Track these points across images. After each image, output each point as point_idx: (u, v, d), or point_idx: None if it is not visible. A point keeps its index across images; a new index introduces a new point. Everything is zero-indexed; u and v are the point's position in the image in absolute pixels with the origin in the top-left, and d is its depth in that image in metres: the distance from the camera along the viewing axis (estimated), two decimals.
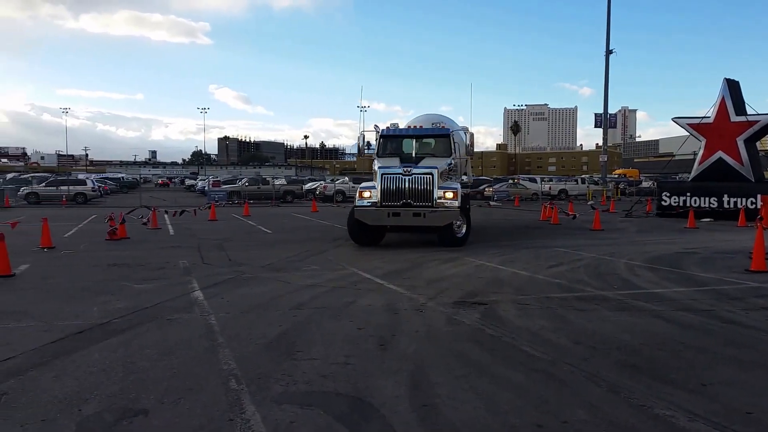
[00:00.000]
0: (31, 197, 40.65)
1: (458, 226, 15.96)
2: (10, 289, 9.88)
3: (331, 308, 8.51)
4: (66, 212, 31.41)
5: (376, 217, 15.74)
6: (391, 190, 15.67)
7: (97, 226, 21.39)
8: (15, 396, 5.00)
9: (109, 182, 62.10)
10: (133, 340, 6.81)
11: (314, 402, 4.87)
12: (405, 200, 15.57)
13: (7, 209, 34.00)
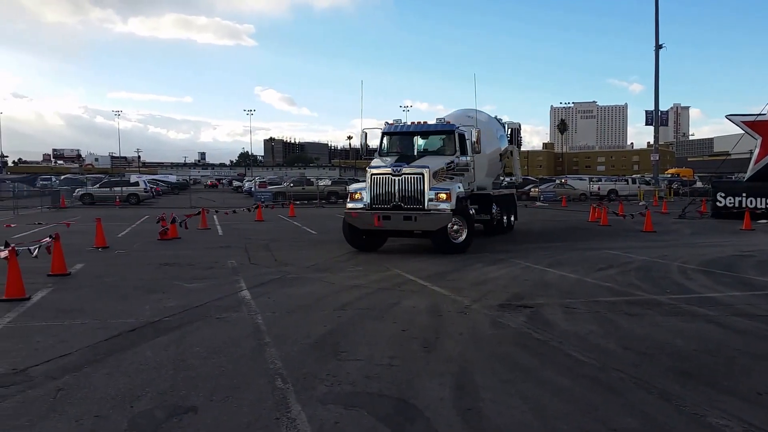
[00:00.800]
0: (85, 198, 42.09)
1: (455, 231, 14.59)
2: (67, 288, 10.23)
3: (375, 309, 8.54)
4: (119, 213, 32.36)
5: (366, 220, 14.73)
6: (380, 191, 14.63)
7: (149, 226, 21.96)
8: (70, 392, 5.18)
9: (161, 183, 63.78)
10: (184, 338, 6.98)
11: (359, 403, 4.90)
12: (395, 202, 14.48)
13: (62, 210, 35.21)
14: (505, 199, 20.06)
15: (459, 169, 15.68)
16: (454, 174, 15.41)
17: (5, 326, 7.45)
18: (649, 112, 56.75)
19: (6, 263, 9.15)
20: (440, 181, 14.68)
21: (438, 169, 14.74)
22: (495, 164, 19.59)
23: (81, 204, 40.93)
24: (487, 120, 19.60)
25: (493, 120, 20.45)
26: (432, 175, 14.44)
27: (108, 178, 54.78)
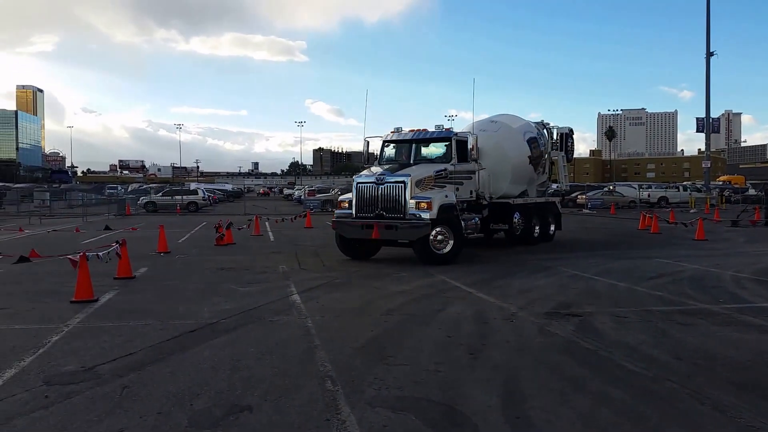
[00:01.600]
0: (149, 206, 43.91)
1: (439, 242, 14.03)
2: (132, 290, 10.70)
3: (420, 315, 8.67)
4: (180, 220, 33.37)
5: (351, 229, 14.69)
6: (364, 200, 14.44)
7: (207, 232, 22.61)
8: (135, 389, 5.47)
9: (218, 192, 65.72)
10: (239, 339, 7.26)
11: (406, 407, 5.03)
12: (378, 211, 14.22)
13: (128, 217, 36.58)
14: (538, 207, 19.16)
15: (456, 176, 14.97)
16: (448, 182, 14.73)
17: (75, 326, 7.88)
18: (700, 119, 55.07)
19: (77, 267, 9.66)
20: (425, 190, 14.15)
21: (423, 178, 14.29)
22: (522, 170, 18.30)
23: (145, 211, 42.57)
24: (512, 125, 18.70)
25: (525, 125, 19.25)
26: (415, 183, 14.07)
27: (170, 187, 56.97)
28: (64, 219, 32.87)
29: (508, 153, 17.73)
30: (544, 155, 19.46)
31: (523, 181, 18.76)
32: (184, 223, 29.49)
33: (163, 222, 21.04)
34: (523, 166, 18.36)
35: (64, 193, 53.71)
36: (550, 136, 20.41)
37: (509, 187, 17.93)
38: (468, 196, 15.50)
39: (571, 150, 21.14)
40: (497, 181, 17.38)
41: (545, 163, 20.06)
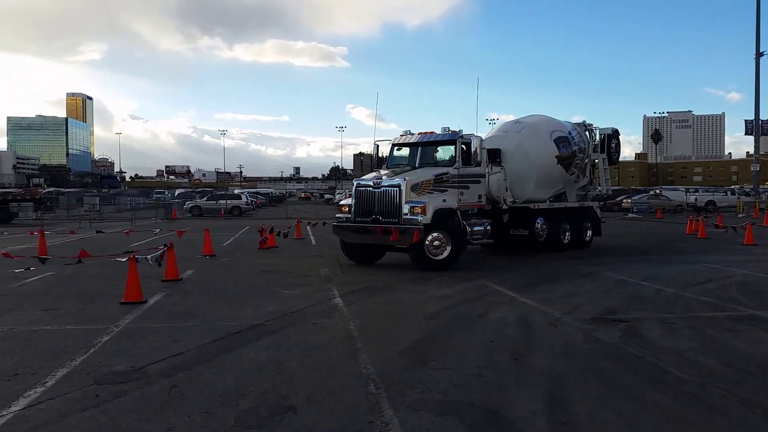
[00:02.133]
0: (194, 210, 45.01)
1: (435, 247, 13.68)
2: (179, 292, 10.94)
3: (462, 319, 8.64)
4: (224, 223, 33.96)
5: (350, 234, 14.64)
6: (362, 204, 14.35)
7: (250, 236, 22.98)
8: (183, 389, 5.60)
9: (260, 196, 66.82)
10: (283, 341, 7.36)
11: (449, 411, 5.02)
12: (375, 215, 14.08)
13: (174, 221, 37.45)
14: (569, 212, 18.25)
15: (461, 180, 14.51)
16: (450, 186, 14.34)
17: (125, 327, 8.10)
18: (749, 121, 53.49)
19: (126, 269, 9.94)
20: (422, 194, 13.86)
21: (419, 182, 14.02)
22: (550, 172, 17.44)
23: (190, 215, 43.55)
24: (538, 125, 18.04)
25: (553, 124, 18.38)
26: (410, 187, 13.80)
27: (214, 191, 58.16)
28: (113, 223, 33.80)
29: (531, 154, 17.01)
30: (577, 156, 18.28)
31: (553, 184, 17.98)
32: (229, 227, 29.99)
33: (208, 226, 21.45)
34: (550, 167, 17.41)
35: (114, 198, 55.47)
36: (591, 138, 19.56)
37: (536, 190, 17.29)
38: (475, 200, 15.01)
39: (615, 152, 20.44)
40: (521, 184, 16.86)
41: (584, 165, 19.16)
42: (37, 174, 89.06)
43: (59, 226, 29.98)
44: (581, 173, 19.19)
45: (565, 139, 17.97)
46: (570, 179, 18.56)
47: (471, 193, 14.83)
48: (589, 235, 19.07)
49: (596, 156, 19.79)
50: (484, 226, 14.96)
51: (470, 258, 16.08)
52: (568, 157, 17.92)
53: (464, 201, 14.59)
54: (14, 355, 6.69)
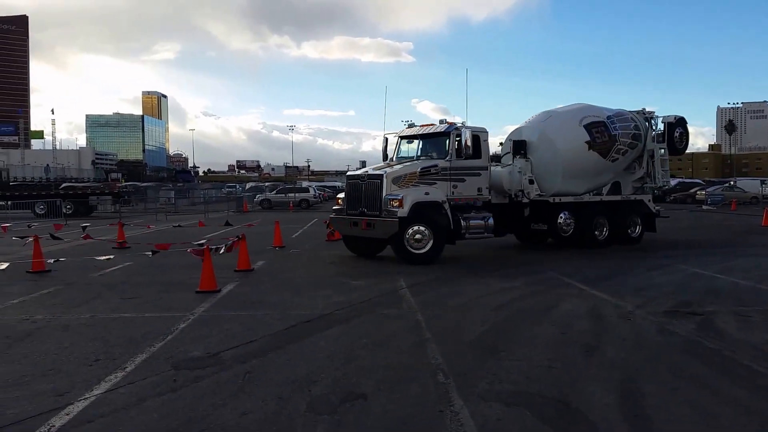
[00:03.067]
0: (264, 203, 46.15)
1: (417, 240, 13.49)
2: (251, 282, 11.24)
3: (532, 311, 8.55)
4: (293, 216, 34.61)
5: (342, 226, 14.83)
6: (351, 197, 14.51)
7: (318, 228, 23.34)
8: (256, 375, 5.77)
9: (327, 190, 67.72)
10: (352, 330, 7.48)
11: (520, 402, 4.99)
12: (361, 208, 14.15)
13: (245, 213, 38.52)
14: (608, 206, 16.99)
15: (454, 173, 14.19)
16: (440, 179, 14.06)
17: (200, 315, 8.40)
18: None
19: (201, 260, 10.30)
20: (405, 187, 13.72)
21: (402, 175, 13.91)
22: (580, 160, 16.28)
23: (260, 208, 44.66)
24: (567, 112, 17.18)
25: (586, 109, 17.26)
26: (392, 180, 13.73)
27: (283, 185, 59.49)
28: (187, 216, 34.98)
29: (556, 142, 16.08)
30: (619, 141, 16.84)
31: (589, 174, 16.66)
32: (297, 220, 30.55)
33: (277, 218, 21.93)
34: (581, 155, 16.22)
35: (188, 192, 57.45)
36: (650, 126, 18.12)
37: (566, 182, 16.23)
38: (474, 193, 14.54)
39: (680, 142, 18.66)
40: (547, 176, 16.05)
41: (638, 155, 17.78)
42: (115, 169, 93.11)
43: (136, 218, 31.25)
44: (637, 164, 18.01)
45: (601, 124, 16.73)
46: (615, 168, 17.33)
47: (467, 186, 14.43)
48: (637, 231, 17.49)
49: (654, 146, 18.12)
50: (485, 220, 14.48)
51: (536, 250, 15.85)
52: (605, 142, 16.59)
53: (458, 194, 14.28)
54: (96, 342, 7.01)
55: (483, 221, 14.46)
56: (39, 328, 7.67)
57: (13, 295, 9.76)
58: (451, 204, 14.01)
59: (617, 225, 16.95)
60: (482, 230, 14.48)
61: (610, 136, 16.71)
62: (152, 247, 12.41)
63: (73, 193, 37.74)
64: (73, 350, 6.66)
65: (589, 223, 16.34)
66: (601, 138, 16.55)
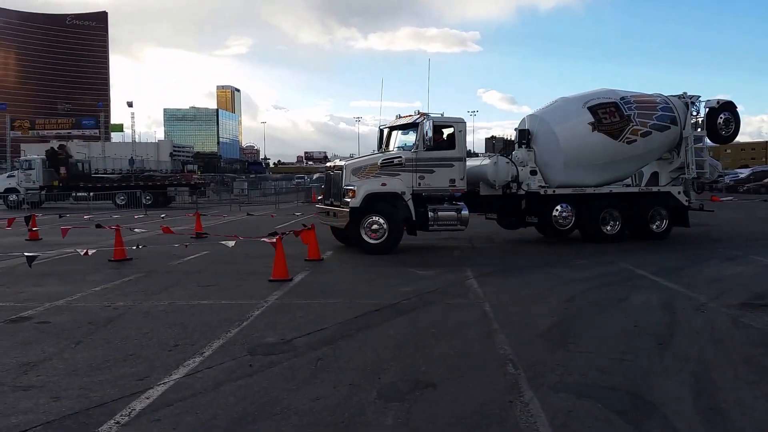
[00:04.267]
0: None
1: (374, 231, 13.64)
2: (321, 271, 11.49)
3: (603, 303, 8.41)
4: None
5: (320, 216, 15.43)
6: (327, 187, 15.24)
7: None
8: (328, 362, 5.92)
9: None
10: (419, 320, 7.56)
11: (591, 394, 4.95)
12: (330, 198, 14.79)
13: (314, 204, 39.15)
14: (617, 198, 15.78)
15: (420, 164, 14.08)
16: (404, 170, 14.03)
17: (273, 303, 8.66)
18: None
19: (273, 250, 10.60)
20: (365, 178, 13.93)
21: (362, 166, 14.19)
22: (586, 145, 15.24)
23: None
24: (571, 96, 16.34)
25: (597, 93, 16.05)
26: (351, 171, 14.03)
27: None
28: (260, 206, 35.89)
29: (554, 127, 15.24)
30: (633, 122, 15.42)
31: (599, 161, 15.35)
32: None
33: None
34: (583, 139, 15.16)
35: (259, 183, 58.90)
36: (689, 111, 16.42)
37: (569, 171, 15.26)
38: (446, 184, 14.29)
39: (725, 128, 16.69)
40: (550, 165, 15.41)
41: (677, 144, 16.34)
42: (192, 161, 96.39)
43: (212, 209, 32.31)
44: (675, 152, 16.50)
45: (610, 104, 15.52)
46: (636, 152, 15.73)
47: (437, 177, 14.23)
48: (663, 226, 15.94)
49: (690, 133, 16.31)
50: (458, 211, 14.22)
51: (611, 243, 15.45)
52: (614, 123, 15.30)
53: (426, 185, 14.17)
54: (175, 327, 7.30)
55: (455, 213, 14.26)
56: (120, 315, 8.05)
57: (96, 283, 10.29)
58: (423, 196, 14.15)
59: (636, 219, 15.68)
60: (454, 222, 14.30)
61: (622, 116, 15.43)
62: (228, 237, 12.82)
63: (152, 185, 39.26)
64: (153, 336, 6.96)
65: (593, 216, 15.35)
66: (609, 118, 15.36)
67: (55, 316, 8.04)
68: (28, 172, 37.47)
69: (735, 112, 16.87)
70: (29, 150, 63.55)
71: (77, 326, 7.44)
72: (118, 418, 4.59)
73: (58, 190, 37.59)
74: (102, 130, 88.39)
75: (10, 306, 8.65)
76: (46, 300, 8.95)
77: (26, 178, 37.29)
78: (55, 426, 4.48)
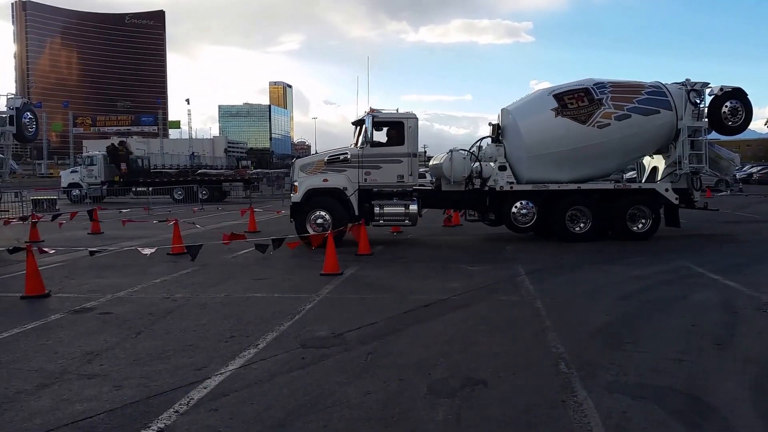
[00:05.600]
0: None
1: (319, 225, 14.06)
2: (371, 266, 11.51)
3: (660, 301, 8.18)
4: None
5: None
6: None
7: (433, 213, 23.39)
8: (378, 356, 5.97)
9: None
10: (470, 316, 7.53)
11: (647, 395, 4.84)
12: (291, 192, 15.25)
13: None
14: (589, 195, 14.71)
15: (366, 160, 14.31)
16: (350, 166, 14.37)
17: (324, 296, 8.77)
18: None
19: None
20: (312, 174, 14.60)
21: (309, 162, 15.15)
22: (551, 133, 14.45)
23: None
24: (543, 89, 15.91)
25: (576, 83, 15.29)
26: (300, 167, 14.93)
27: None
28: None
29: (517, 118, 14.75)
30: (605, 105, 14.38)
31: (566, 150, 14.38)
32: None
33: None
34: (546, 126, 14.42)
35: None
36: (689, 99, 14.86)
37: (534, 164, 14.54)
38: (393, 180, 14.38)
39: (732, 118, 15.17)
40: (516, 160, 14.84)
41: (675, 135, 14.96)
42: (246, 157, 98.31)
43: (265, 203, 32.83)
44: (673, 144, 15.08)
45: (580, 90, 14.71)
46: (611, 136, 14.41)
47: (384, 173, 14.38)
48: (644, 226, 14.65)
49: (684, 123, 14.83)
50: (406, 207, 14.29)
51: (665, 237, 15.05)
52: (582, 107, 14.39)
53: (372, 181, 14.38)
54: (231, 319, 7.49)
55: (402, 209, 14.37)
56: (179, 306, 8.31)
57: (156, 275, 10.61)
58: (375, 191, 14.41)
59: (611, 217, 14.59)
60: (402, 217, 14.44)
61: (592, 100, 14.43)
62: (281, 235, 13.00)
63: (208, 180, 40.16)
64: (210, 327, 7.16)
65: (559, 214, 14.49)
66: (576, 103, 14.42)
67: (117, 307, 8.35)
68: (91, 168, 38.84)
69: (744, 100, 15.25)
70: (91, 146, 66.00)
71: (138, 317, 7.71)
72: (177, 407, 4.72)
73: (119, 185, 38.82)
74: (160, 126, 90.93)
75: (74, 297, 9.01)
76: (108, 291, 9.30)
77: (88, 174, 38.67)
78: (118, 414, 4.64)
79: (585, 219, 14.61)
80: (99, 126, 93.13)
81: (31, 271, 9.05)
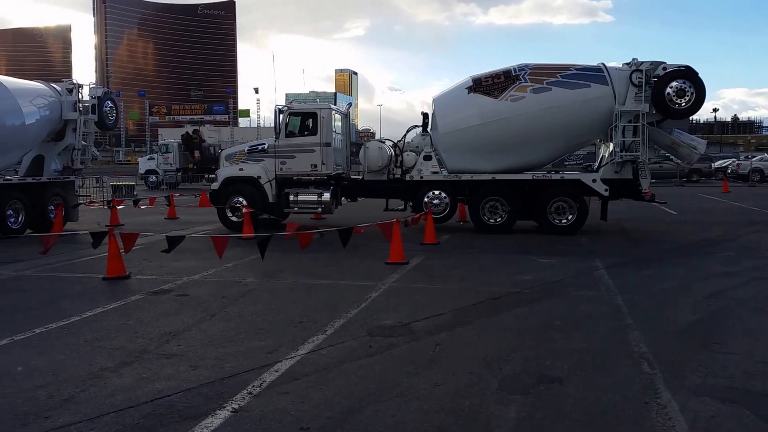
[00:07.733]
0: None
1: (233, 212, 15.17)
2: (437, 256, 11.29)
3: (753, 300, 7.66)
4: None
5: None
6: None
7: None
8: (446, 348, 5.80)
9: None
10: (543, 310, 7.23)
11: (737, 399, 4.51)
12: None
13: None
14: (497, 187, 14.31)
15: (282, 150, 15.06)
16: (268, 156, 15.18)
17: (390, 285, 8.65)
18: None
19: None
20: (234, 163, 15.55)
21: (233, 153, 16.11)
22: (464, 114, 14.15)
23: None
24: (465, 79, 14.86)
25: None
26: (225, 157, 16.03)
27: None
28: None
29: (438, 108, 14.94)
30: (523, 80, 13.88)
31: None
32: None
33: None
34: (459, 105, 14.44)
35: None
36: (630, 80, 13.64)
37: (452, 151, 14.44)
38: (307, 169, 15.06)
39: (678, 98, 13.51)
40: (443, 151, 14.83)
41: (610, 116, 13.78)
42: None
43: None
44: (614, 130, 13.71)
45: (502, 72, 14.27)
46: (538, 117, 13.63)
47: (298, 162, 15.06)
48: (566, 220, 14.02)
49: (627, 107, 13.63)
50: (319, 195, 14.98)
51: (758, 233, 14.18)
52: (496, 83, 14.01)
53: (288, 170, 15.11)
54: (300, 305, 7.53)
55: (315, 197, 15.04)
56: (250, 290, 8.43)
57: (228, 260, 10.72)
58: (295, 180, 15.16)
59: (534, 211, 14.17)
60: (315, 205, 15.13)
61: (508, 77, 13.90)
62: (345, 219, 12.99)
63: None
64: (280, 312, 7.21)
65: (474, 205, 14.46)
66: (491, 80, 13.99)
67: (193, 289, 8.55)
68: (166, 155, 40.08)
69: (694, 80, 13.57)
70: (166, 134, 68.23)
71: (213, 299, 7.87)
72: (251, 389, 4.78)
73: (193, 172, 39.93)
74: (230, 115, 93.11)
75: (153, 279, 9.27)
76: (184, 274, 9.54)
77: (164, 161, 39.92)
78: (194, 393, 4.72)
79: (503, 211, 14.34)
80: (173, 115, 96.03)
81: (113, 253, 9.33)
